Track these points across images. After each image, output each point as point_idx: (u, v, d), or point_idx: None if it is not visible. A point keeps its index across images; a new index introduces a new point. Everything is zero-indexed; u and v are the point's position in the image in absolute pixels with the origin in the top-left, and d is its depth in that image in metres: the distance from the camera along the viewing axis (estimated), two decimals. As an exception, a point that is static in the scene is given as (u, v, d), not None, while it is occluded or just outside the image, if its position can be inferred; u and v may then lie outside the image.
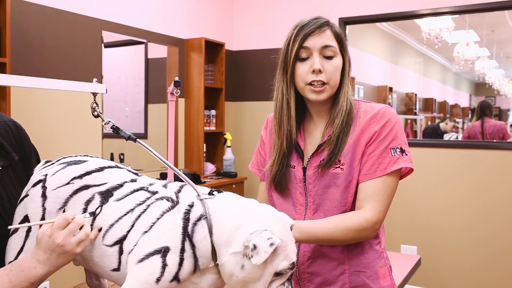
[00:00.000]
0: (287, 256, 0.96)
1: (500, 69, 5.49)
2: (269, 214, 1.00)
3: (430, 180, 3.64)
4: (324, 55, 1.28)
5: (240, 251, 0.93)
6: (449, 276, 3.59)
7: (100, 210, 1.02)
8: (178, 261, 0.95)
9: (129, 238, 0.99)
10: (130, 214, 1.00)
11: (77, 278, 2.72)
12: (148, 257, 0.95)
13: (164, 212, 0.98)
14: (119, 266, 1.01)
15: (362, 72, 4.77)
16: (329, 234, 1.23)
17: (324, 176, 1.30)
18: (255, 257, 0.90)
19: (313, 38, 1.28)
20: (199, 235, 0.96)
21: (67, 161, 1.10)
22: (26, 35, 2.75)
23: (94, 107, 1.16)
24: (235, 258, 0.94)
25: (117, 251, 1.00)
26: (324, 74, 1.28)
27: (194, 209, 0.98)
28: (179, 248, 0.95)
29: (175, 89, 1.53)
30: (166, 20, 3.80)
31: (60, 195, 1.05)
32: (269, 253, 0.90)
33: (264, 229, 0.93)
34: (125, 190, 1.04)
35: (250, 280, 0.95)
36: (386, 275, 1.34)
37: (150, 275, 0.94)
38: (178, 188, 1.04)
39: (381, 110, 1.30)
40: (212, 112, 4.13)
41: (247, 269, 0.93)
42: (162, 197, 1.01)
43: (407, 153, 1.29)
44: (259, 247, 0.90)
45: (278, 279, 0.97)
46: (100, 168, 1.08)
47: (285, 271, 0.96)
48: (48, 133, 2.85)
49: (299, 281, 1.37)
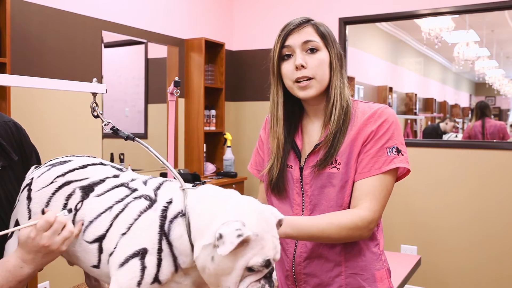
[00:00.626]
0: (261, 252, 0.90)
1: (500, 69, 5.49)
2: (248, 206, 0.95)
3: (430, 180, 3.64)
4: (306, 49, 1.29)
5: (211, 243, 0.90)
6: (449, 276, 3.59)
7: (81, 205, 1.03)
8: (156, 262, 0.94)
9: (108, 237, 0.99)
10: (109, 212, 1.00)
11: (77, 278, 2.72)
12: (128, 260, 0.95)
13: (141, 212, 0.98)
14: (98, 264, 1.01)
15: (362, 72, 4.77)
16: (322, 230, 1.22)
17: (320, 176, 1.30)
18: (220, 247, 0.87)
19: (293, 35, 1.30)
20: (175, 233, 0.95)
21: (52, 163, 1.11)
22: (26, 35, 2.75)
23: (94, 107, 1.16)
24: (206, 250, 0.91)
25: (97, 249, 1.00)
26: (309, 69, 1.28)
27: (172, 206, 0.97)
28: (156, 248, 0.95)
29: (175, 89, 1.53)
30: (166, 20, 3.80)
31: (43, 195, 1.06)
32: (235, 244, 0.86)
33: (235, 220, 0.89)
34: (106, 186, 1.04)
35: (221, 273, 0.90)
36: (384, 278, 1.33)
37: (131, 279, 0.94)
38: (158, 185, 1.03)
39: (379, 110, 1.30)
40: (212, 112, 4.13)
41: (216, 261, 0.89)
42: (140, 196, 1.00)
43: (403, 154, 1.28)
44: (225, 237, 0.86)
45: (252, 275, 0.91)
46: (84, 166, 1.08)
47: (258, 268, 0.90)
48: (48, 133, 2.85)
49: (295, 282, 1.37)
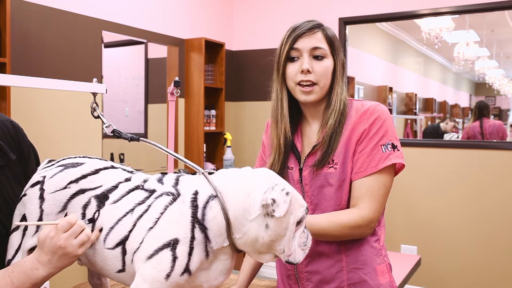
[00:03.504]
0: (299, 203, 1.00)
1: (500, 69, 5.49)
2: (269, 172, 1.03)
3: (430, 180, 3.64)
4: (313, 55, 1.31)
5: (260, 213, 0.95)
6: (449, 276, 3.59)
7: (98, 215, 1.03)
8: (187, 251, 0.95)
9: (131, 237, 0.99)
10: (130, 215, 1.00)
11: (77, 278, 2.72)
12: (157, 252, 0.94)
13: (167, 206, 0.98)
14: (123, 267, 1.01)
15: (362, 72, 4.76)
16: (323, 229, 1.23)
17: (318, 176, 1.31)
18: (277, 210, 0.93)
19: (303, 39, 1.31)
20: (209, 216, 0.97)
21: (65, 163, 1.10)
22: (26, 35, 2.75)
23: (94, 107, 1.16)
24: (257, 222, 0.96)
25: (120, 253, 1.00)
26: (314, 74, 1.30)
27: (200, 195, 0.99)
28: (189, 237, 0.95)
29: (175, 89, 1.54)
30: (166, 20, 3.80)
31: (58, 198, 1.06)
32: (288, 201, 0.94)
33: (274, 184, 0.96)
34: (120, 192, 1.04)
35: (276, 238, 0.97)
36: (385, 272, 1.34)
37: (158, 271, 0.94)
38: (175, 181, 1.04)
39: (370, 108, 1.31)
40: (212, 112, 4.13)
41: (272, 227, 0.95)
42: (161, 194, 1.01)
43: (398, 149, 1.29)
44: (278, 200, 0.93)
45: (298, 229, 1.00)
46: (96, 171, 1.08)
47: (303, 217, 1.00)
48: (48, 133, 2.85)
49: (297, 280, 1.37)
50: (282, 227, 0.96)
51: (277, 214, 0.93)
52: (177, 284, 0.96)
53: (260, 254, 1.00)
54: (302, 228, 1.02)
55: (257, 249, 0.98)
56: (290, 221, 0.97)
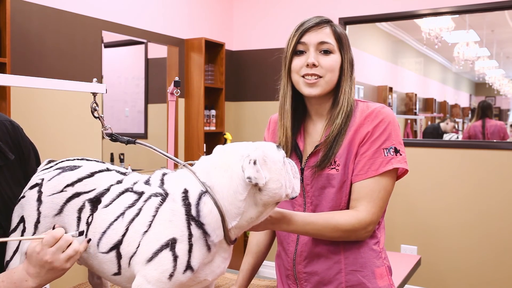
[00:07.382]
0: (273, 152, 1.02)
1: (500, 69, 5.49)
2: (234, 147, 1.04)
3: (430, 180, 3.64)
4: (320, 50, 1.30)
5: (248, 190, 0.97)
6: (449, 276, 3.59)
7: (92, 219, 1.03)
8: (187, 248, 0.95)
9: (125, 242, 0.99)
10: (121, 219, 1.00)
11: (77, 278, 2.72)
12: (157, 254, 0.95)
13: (157, 207, 0.98)
14: (119, 270, 1.01)
15: (362, 72, 4.76)
16: (318, 230, 1.22)
17: (320, 177, 1.30)
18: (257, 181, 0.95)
19: (311, 33, 1.30)
20: (205, 212, 0.97)
21: (63, 166, 1.11)
22: (26, 35, 2.75)
23: (94, 107, 1.16)
24: (249, 196, 0.98)
25: (115, 256, 1.00)
26: (319, 68, 1.29)
27: (191, 193, 0.99)
28: (186, 235, 0.96)
29: (175, 89, 1.54)
30: (166, 20, 3.80)
31: (55, 201, 1.06)
32: (259, 169, 0.96)
33: (243, 159, 0.98)
34: (111, 195, 1.05)
35: (275, 192, 0.99)
36: (384, 275, 1.33)
37: (161, 273, 0.94)
38: (160, 182, 1.04)
39: (375, 110, 1.29)
40: (212, 112, 4.13)
41: (265, 188, 0.98)
42: (150, 196, 1.01)
43: (401, 154, 1.27)
44: (251, 174, 0.95)
45: (286, 165, 1.04)
46: (91, 174, 1.09)
47: (283, 155, 1.04)
48: (48, 133, 2.85)
49: (296, 281, 1.37)
50: (273, 180, 0.99)
51: (260, 183, 0.95)
52: (181, 282, 0.96)
53: (262, 214, 1.03)
54: (287, 162, 1.05)
55: (260, 212, 1.01)
56: (278, 170, 1.00)
